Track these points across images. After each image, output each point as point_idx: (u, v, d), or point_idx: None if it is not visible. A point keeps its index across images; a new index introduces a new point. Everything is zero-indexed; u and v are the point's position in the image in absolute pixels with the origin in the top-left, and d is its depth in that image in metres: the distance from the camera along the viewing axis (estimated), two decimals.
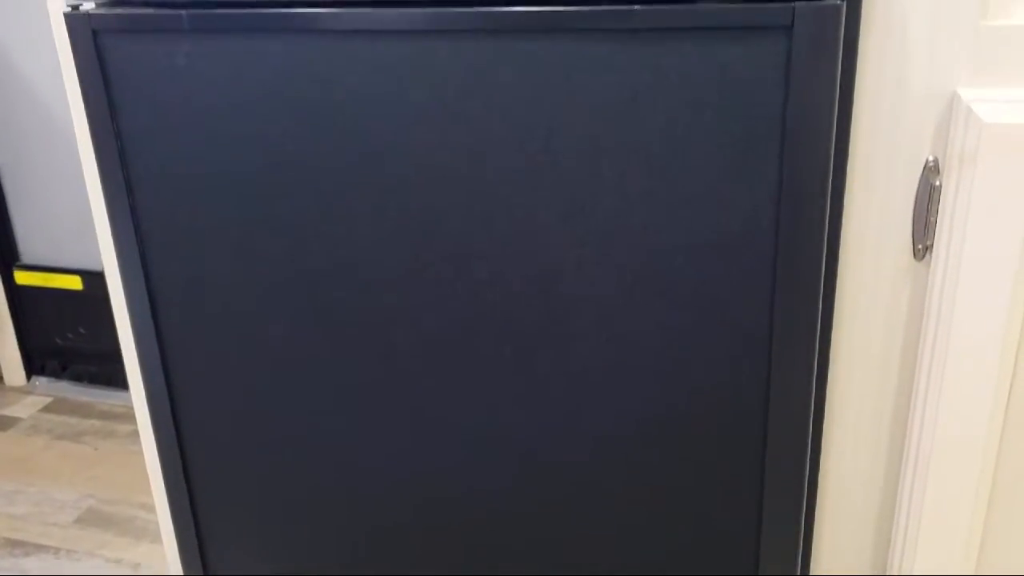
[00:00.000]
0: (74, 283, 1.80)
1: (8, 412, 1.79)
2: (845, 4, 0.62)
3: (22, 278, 1.82)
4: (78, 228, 1.77)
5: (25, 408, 1.80)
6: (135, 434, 1.67)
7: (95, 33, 0.74)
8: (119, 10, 0.73)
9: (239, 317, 0.81)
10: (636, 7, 0.63)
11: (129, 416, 1.75)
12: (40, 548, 1.40)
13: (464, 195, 0.71)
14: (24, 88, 1.72)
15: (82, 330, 1.82)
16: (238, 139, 0.75)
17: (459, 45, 0.67)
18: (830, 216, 0.68)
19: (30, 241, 1.83)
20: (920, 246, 0.70)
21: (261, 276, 0.79)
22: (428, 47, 0.68)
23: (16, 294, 1.84)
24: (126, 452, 1.64)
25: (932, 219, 0.69)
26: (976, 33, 0.64)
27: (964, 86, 0.66)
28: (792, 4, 0.61)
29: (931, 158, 0.68)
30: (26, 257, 1.84)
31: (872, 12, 0.65)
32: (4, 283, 1.83)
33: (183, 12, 0.71)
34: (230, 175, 0.76)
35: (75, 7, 0.74)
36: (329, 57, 0.70)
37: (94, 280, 1.76)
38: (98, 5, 0.74)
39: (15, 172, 1.79)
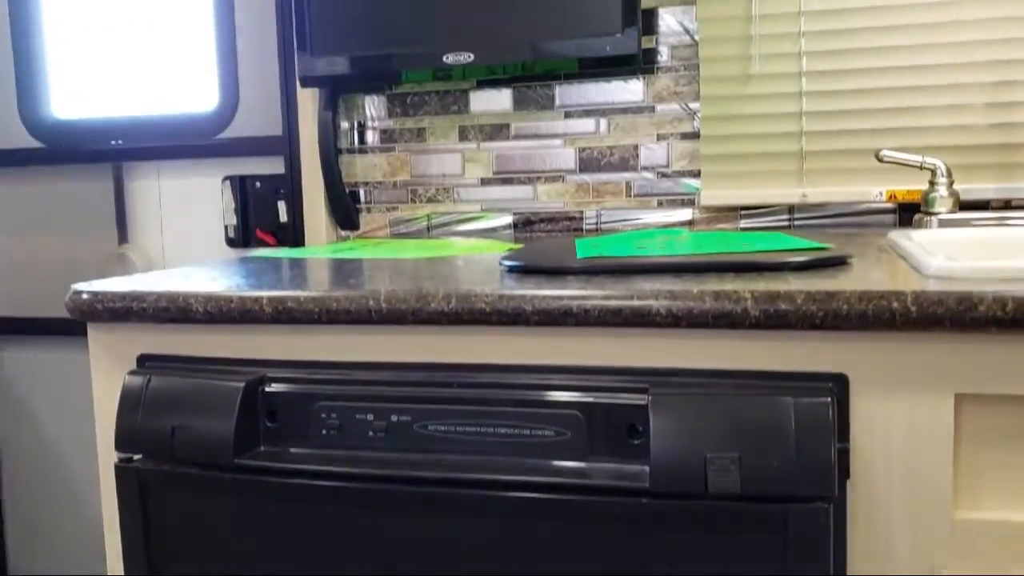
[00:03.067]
0: None
1: None
2: (832, 506, 0.69)
3: None
4: None
5: None
6: None
7: (142, 485, 0.81)
8: (166, 467, 0.80)
9: None
10: (644, 500, 0.70)
11: None
12: None
13: None
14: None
15: None
16: None
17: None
18: None
19: None
20: None
21: None
22: (438, 525, 0.74)
23: None
24: None
25: None
26: (951, 526, 0.71)
27: (943, 570, 0.72)
28: (785, 507, 0.69)
29: None
30: None
31: (857, 508, 0.72)
32: None
33: (227, 475, 0.78)
34: None
35: (127, 459, 0.81)
36: (359, 528, 0.76)
37: None
38: (145, 458, 0.81)
39: None
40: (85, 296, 0.90)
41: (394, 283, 0.87)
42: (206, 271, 1.05)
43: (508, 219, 1.55)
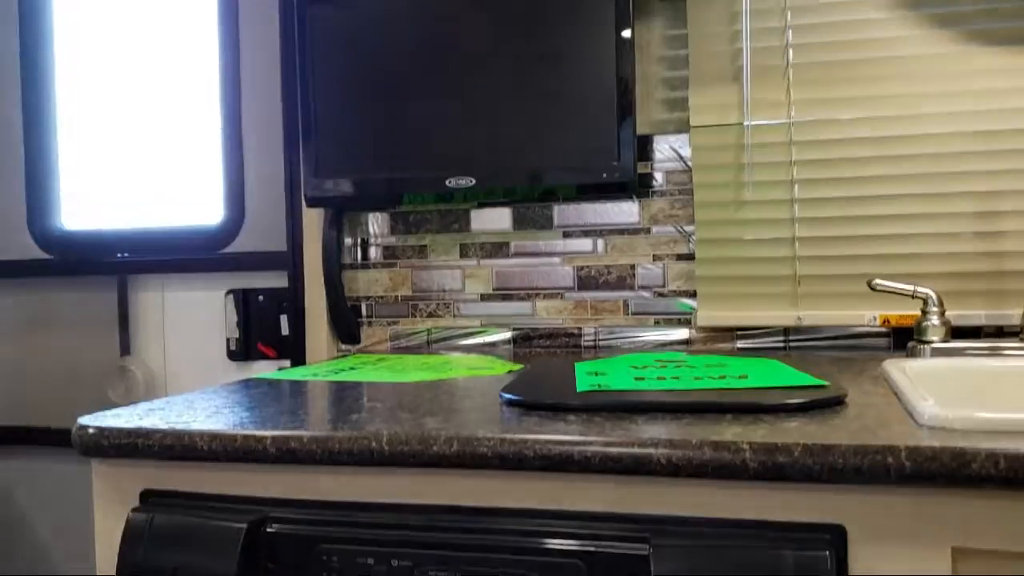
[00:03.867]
0: None
1: None
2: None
3: None
4: None
5: None
6: None
7: None
8: None
9: None
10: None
11: None
12: None
13: None
14: None
15: None
16: None
17: None
18: None
19: None
20: None
21: None
22: None
23: None
24: None
25: None
26: None
27: None
28: None
29: None
30: None
31: None
32: None
33: None
34: None
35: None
36: None
37: None
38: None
39: None
40: (91, 431, 0.91)
41: (395, 418, 0.88)
42: (208, 399, 1.06)
43: (508, 334, 1.57)
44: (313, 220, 1.63)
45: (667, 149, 1.47)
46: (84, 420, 0.93)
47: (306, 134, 1.52)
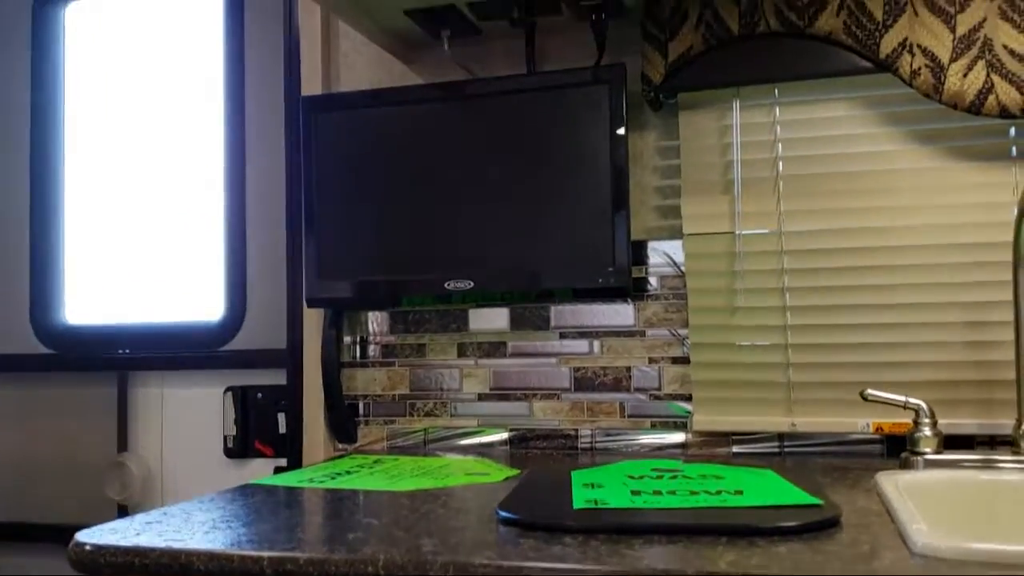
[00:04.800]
0: None
1: None
2: None
3: None
4: None
5: None
6: None
7: None
8: None
9: None
10: None
11: None
12: None
13: None
14: None
15: None
16: None
17: None
18: None
19: None
20: None
21: None
22: None
23: None
24: None
25: None
26: None
27: None
28: None
29: None
30: None
31: None
32: None
33: None
34: None
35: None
36: None
37: None
38: None
39: None
40: (88, 548, 0.91)
41: (391, 538, 0.88)
42: (206, 510, 1.06)
43: (504, 435, 1.57)
44: (313, 319, 1.65)
45: (661, 254, 1.51)
46: (81, 536, 0.93)
47: (308, 235, 1.55)
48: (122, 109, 1.93)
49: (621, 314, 1.53)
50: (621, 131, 1.40)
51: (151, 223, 1.89)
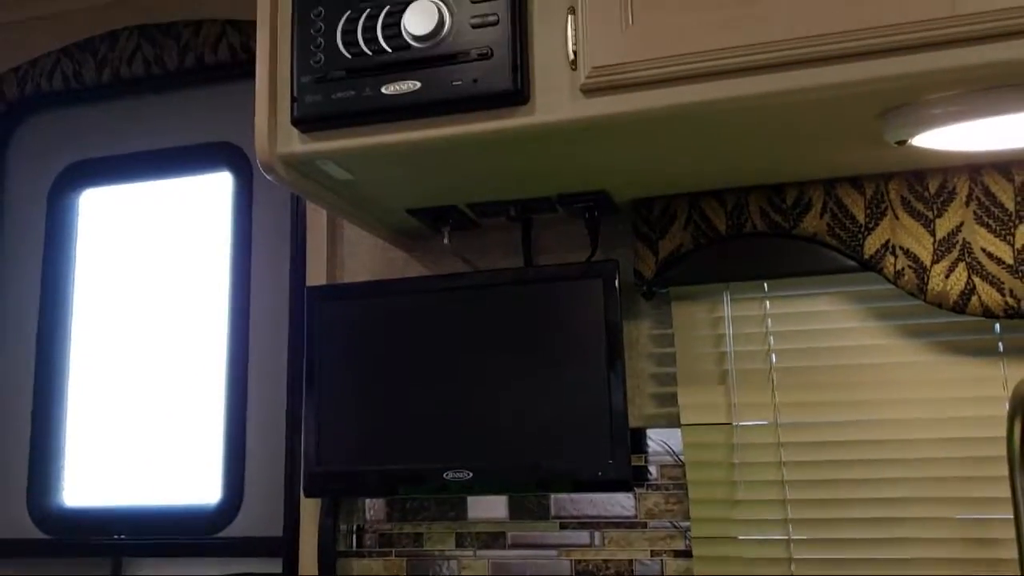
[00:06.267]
0: None
1: None
2: None
3: None
4: None
5: None
6: None
7: None
8: None
9: None
10: None
11: None
12: None
13: None
14: None
15: None
16: None
17: None
18: None
19: None
20: None
21: None
22: None
23: None
24: None
25: None
26: None
27: None
28: None
29: None
30: None
31: None
32: None
33: None
34: None
35: None
36: None
37: None
38: None
39: None
40: None
41: None
42: None
43: None
44: (310, 507, 1.64)
45: (660, 443, 1.51)
46: None
47: (307, 423, 1.56)
48: (129, 291, 1.98)
49: (621, 504, 1.52)
50: (616, 324, 1.43)
51: (153, 404, 1.90)
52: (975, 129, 1.11)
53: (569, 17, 1.13)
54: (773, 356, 1.46)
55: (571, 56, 1.12)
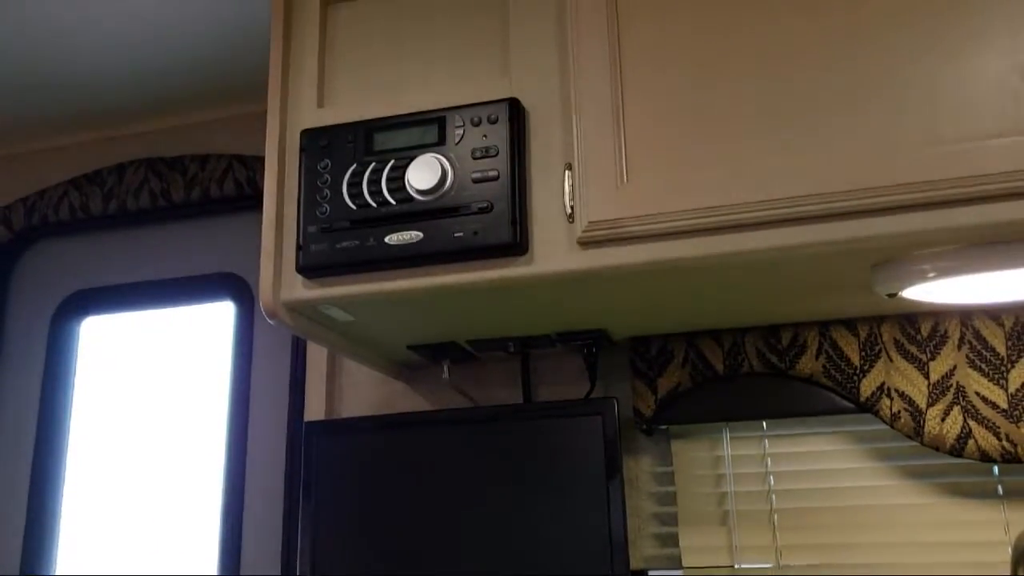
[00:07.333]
0: None
1: None
2: None
3: None
4: None
5: None
6: None
7: None
8: None
9: None
10: None
11: None
12: None
13: None
14: None
15: None
16: None
17: None
18: None
19: None
20: None
21: None
22: None
23: None
24: None
25: None
26: None
27: None
28: None
29: None
30: None
31: None
32: None
33: None
34: None
35: None
36: None
37: None
38: None
39: None
40: None
41: None
42: None
43: None
44: None
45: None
46: None
47: (304, 560, 1.54)
48: (126, 419, 1.97)
49: None
50: (616, 463, 1.43)
51: (147, 532, 1.87)
52: (963, 283, 1.13)
53: (566, 173, 1.17)
54: (773, 497, 1.45)
55: (568, 210, 1.16)
